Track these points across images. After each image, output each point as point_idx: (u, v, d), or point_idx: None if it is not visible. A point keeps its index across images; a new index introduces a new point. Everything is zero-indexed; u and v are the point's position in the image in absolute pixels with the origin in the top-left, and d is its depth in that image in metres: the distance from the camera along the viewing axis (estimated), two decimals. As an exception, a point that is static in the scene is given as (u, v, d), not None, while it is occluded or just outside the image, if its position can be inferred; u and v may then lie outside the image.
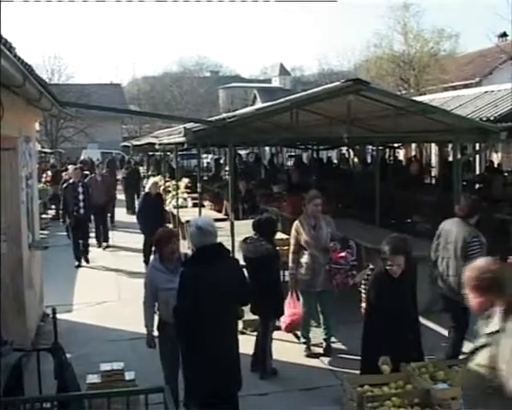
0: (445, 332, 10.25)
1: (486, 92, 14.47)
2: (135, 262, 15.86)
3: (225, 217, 15.58)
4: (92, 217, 18.23)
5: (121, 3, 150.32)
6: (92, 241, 18.17)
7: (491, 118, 11.87)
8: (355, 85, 10.32)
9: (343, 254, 9.18)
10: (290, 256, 9.55)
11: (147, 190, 16.18)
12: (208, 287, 5.91)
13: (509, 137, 13.78)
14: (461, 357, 7.47)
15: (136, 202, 26.96)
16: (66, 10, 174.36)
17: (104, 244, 19.03)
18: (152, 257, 7.91)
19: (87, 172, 21.88)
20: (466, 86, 30.68)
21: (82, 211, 16.54)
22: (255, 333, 9.37)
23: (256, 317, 9.07)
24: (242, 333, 9.77)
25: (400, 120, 11.77)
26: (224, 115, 13.83)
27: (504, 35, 37.10)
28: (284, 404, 8.10)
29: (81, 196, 16.53)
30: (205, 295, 5.91)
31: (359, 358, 7.34)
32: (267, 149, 37.54)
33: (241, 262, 8.99)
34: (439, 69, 37.49)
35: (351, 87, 10.35)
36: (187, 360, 6.25)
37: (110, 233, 20.00)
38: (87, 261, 16.65)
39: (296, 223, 9.61)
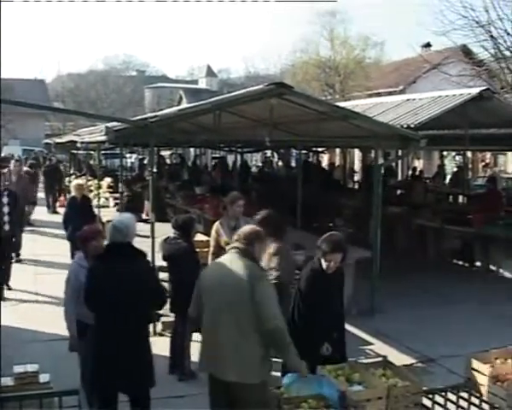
0: (362, 334, 10.52)
1: (408, 100, 14.72)
2: (54, 263, 15.56)
3: (147, 217, 15.46)
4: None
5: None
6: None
7: (412, 125, 12.07)
8: (278, 89, 10.37)
9: None
10: (209, 257, 9.48)
11: (72, 193, 14.73)
12: (110, 283, 5.94)
13: (428, 145, 14.11)
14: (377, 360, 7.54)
15: (58, 202, 26.64)
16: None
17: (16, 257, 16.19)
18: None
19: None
20: (390, 94, 31.19)
21: (7, 227, 13.41)
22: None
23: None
24: (161, 335, 9.72)
25: (323, 125, 11.92)
26: (147, 115, 13.73)
27: (428, 45, 37.94)
28: (202, 406, 8.00)
29: (6, 209, 13.47)
30: (106, 292, 5.96)
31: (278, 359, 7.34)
32: (192, 150, 37.45)
33: (162, 262, 9.07)
34: (364, 76, 38.16)
35: (274, 91, 10.39)
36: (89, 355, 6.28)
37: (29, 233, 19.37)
38: (8, 288, 13.61)
39: (216, 224, 9.60)
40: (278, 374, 6.65)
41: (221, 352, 5.61)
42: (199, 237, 10.90)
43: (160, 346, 8.80)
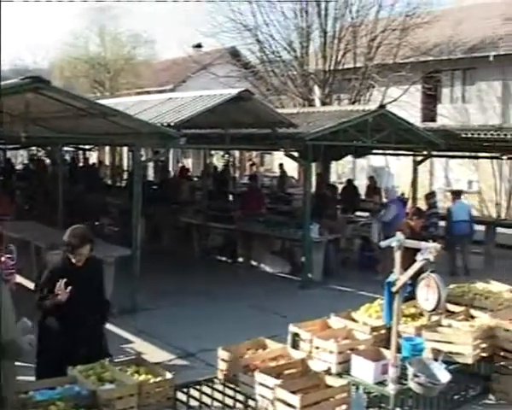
0: (123, 333, 10.46)
1: (170, 99, 14.81)
2: None
3: None
4: None
5: None
6: None
7: (172, 124, 12.15)
8: (33, 83, 10.03)
9: (2, 259, 8.80)
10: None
11: None
12: None
13: (193, 144, 14.32)
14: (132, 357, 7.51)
15: None
16: None
17: None
18: None
19: None
20: (160, 92, 31.39)
21: None
22: None
23: None
24: None
25: (83, 122, 11.74)
26: None
27: (199, 46, 38.51)
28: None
29: None
30: None
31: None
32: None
33: None
34: (135, 74, 37.93)
35: (29, 85, 10.05)
36: None
37: None
38: None
39: None
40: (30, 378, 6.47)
41: None
42: None
43: None
